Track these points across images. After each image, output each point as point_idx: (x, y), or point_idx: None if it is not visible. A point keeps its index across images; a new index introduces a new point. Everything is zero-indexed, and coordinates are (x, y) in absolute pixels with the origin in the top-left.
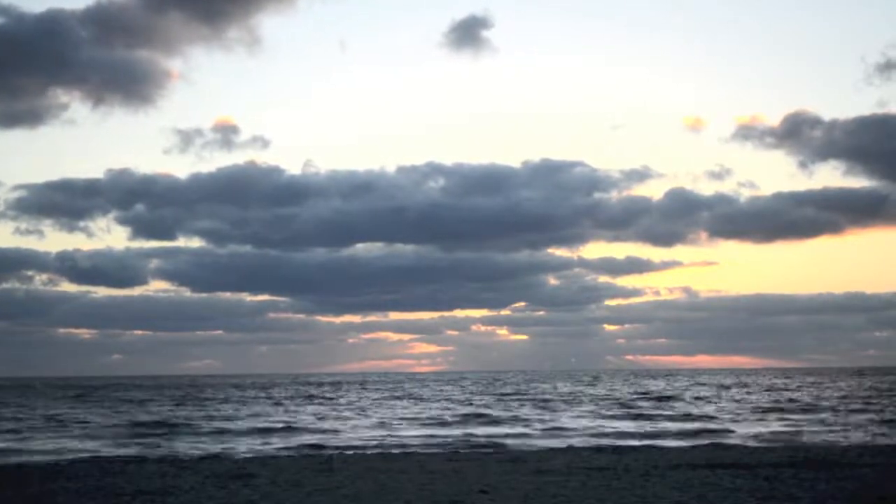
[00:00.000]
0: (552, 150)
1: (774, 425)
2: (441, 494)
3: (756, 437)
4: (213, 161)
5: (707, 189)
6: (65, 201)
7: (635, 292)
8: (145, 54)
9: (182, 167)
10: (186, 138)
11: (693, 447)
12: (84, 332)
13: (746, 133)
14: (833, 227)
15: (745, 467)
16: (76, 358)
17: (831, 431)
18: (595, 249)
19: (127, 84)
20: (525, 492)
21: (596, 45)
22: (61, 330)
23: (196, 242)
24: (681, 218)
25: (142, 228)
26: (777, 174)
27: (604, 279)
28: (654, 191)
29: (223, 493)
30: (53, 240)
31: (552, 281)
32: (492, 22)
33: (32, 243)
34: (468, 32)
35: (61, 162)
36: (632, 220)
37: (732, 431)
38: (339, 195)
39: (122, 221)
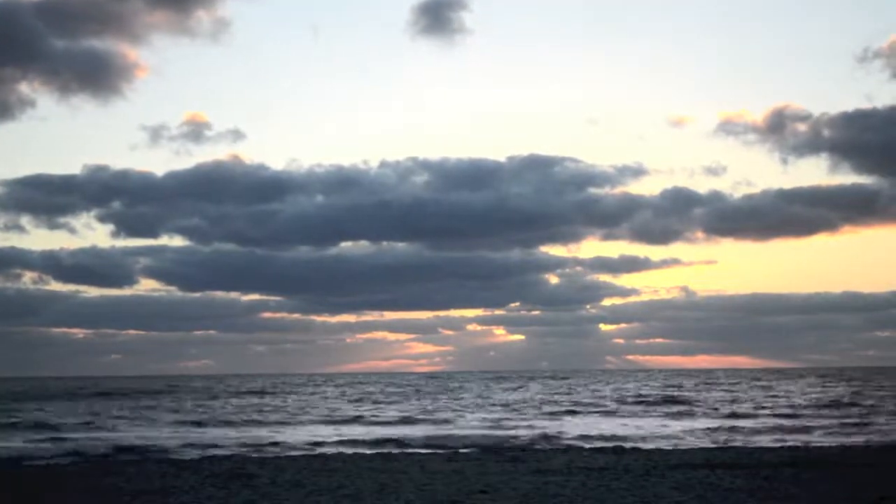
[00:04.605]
0: (536, 145)
1: None
2: (441, 494)
3: None
4: (187, 155)
5: (700, 186)
6: (42, 197)
7: (633, 291)
8: (110, 45)
9: (157, 162)
10: (158, 132)
11: (693, 448)
12: (79, 332)
13: (730, 129)
14: (829, 226)
15: (745, 467)
16: (75, 358)
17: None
18: (590, 248)
19: (95, 77)
20: (525, 492)
21: (576, 39)
22: (56, 330)
23: (178, 240)
24: (677, 215)
25: (123, 226)
26: (767, 171)
27: (600, 278)
28: (646, 187)
29: (223, 493)
30: (36, 237)
31: (547, 280)
32: (467, 4)
33: (14, 241)
34: (442, 15)
35: (34, 157)
36: (627, 217)
37: None
38: (321, 191)
39: (102, 218)
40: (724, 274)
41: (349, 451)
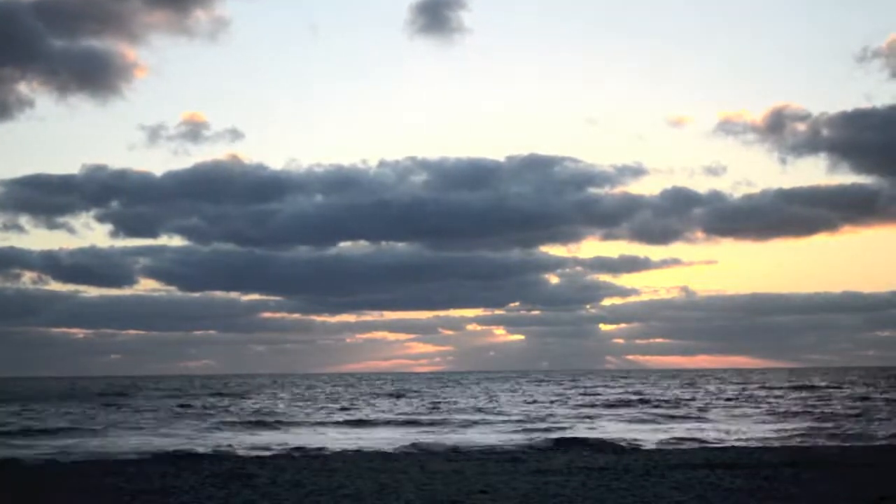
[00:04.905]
0: (535, 145)
1: None
2: (441, 494)
3: None
4: (186, 155)
5: (700, 186)
6: (41, 197)
7: (633, 291)
8: (108, 45)
9: (155, 162)
10: (157, 132)
11: (693, 448)
12: (79, 332)
13: (729, 128)
14: (828, 225)
15: (745, 467)
16: (75, 358)
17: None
18: (590, 247)
19: (93, 77)
20: (525, 492)
21: (575, 38)
22: (55, 330)
23: (177, 240)
24: (676, 215)
25: (122, 226)
26: (766, 171)
27: (599, 278)
28: (646, 187)
29: (223, 493)
30: (35, 237)
31: (547, 280)
32: (465, 3)
33: (14, 240)
34: (440, 14)
35: (32, 157)
36: (627, 216)
37: None
38: (320, 191)
39: (101, 218)
40: (724, 274)
41: (349, 451)
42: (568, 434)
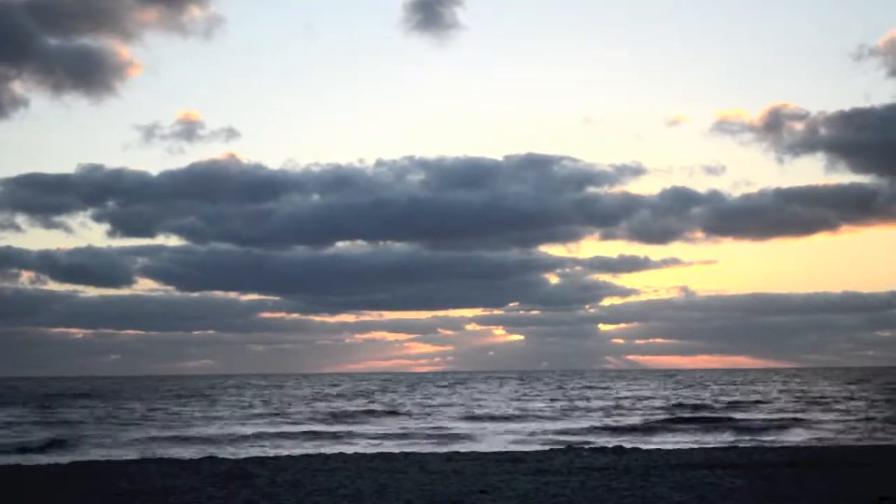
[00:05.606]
0: (534, 144)
1: None
2: (441, 494)
3: None
4: (181, 154)
5: (699, 185)
6: (37, 196)
7: (632, 291)
8: (103, 43)
9: (151, 161)
10: (152, 131)
11: (693, 448)
12: (78, 332)
13: (727, 128)
14: (827, 225)
15: (745, 467)
16: (75, 358)
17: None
18: (589, 247)
19: (88, 75)
20: (525, 492)
21: (573, 35)
22: (54, 330)
23: (175, 240)
24: (676, 215)
25: (119, 225)
26: (765, 170)
27: (599, 277)
28: (645, 187)
29: (223, 493)
30: (32, 237)
31: (546, 279)
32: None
33: (11, 240)
34: (434, 11)
35: (28, 156)
36: (626, 216)
37: None
38: (317, 190)
39: (98, 218)
40: (724, 274)
41: (349, 450)
42: None
